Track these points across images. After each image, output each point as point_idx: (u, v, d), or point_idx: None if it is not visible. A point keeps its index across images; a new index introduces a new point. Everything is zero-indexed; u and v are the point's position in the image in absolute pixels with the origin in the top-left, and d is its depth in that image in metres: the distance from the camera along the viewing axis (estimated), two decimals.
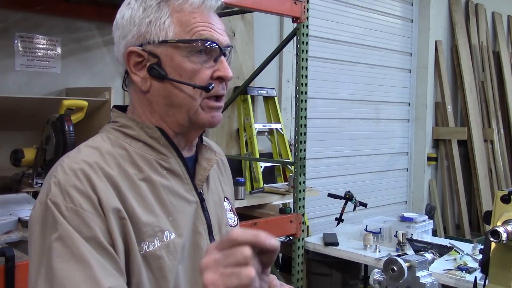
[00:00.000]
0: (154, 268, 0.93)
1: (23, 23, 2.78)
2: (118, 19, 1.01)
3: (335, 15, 4.64)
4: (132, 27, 0.98)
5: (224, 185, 1.19)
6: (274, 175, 3.90)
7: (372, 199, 4.83)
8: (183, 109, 0.99)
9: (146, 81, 0.99)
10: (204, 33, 0.97)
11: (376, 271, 1.31)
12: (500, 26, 6.42)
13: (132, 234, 0.90)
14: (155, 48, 0.97)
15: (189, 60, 0.97)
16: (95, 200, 0.88)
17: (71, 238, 0.85)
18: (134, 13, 0.99)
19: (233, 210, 1.18)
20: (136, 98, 1.03)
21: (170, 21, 0.97)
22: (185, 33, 0.97)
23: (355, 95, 4.93)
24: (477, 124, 5.76)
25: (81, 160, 0.92)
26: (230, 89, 3.73)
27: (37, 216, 0.89)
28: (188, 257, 0.99)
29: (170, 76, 0.97)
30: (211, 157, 1.08)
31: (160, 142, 1.00)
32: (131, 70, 0.99)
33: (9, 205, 2.09)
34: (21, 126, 2.60)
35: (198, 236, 1.01)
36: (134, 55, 0.98)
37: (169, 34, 0.97)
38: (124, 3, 1.02)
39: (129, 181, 0.94)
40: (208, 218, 1.05)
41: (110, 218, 0.88)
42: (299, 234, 3.02)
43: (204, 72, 0.98)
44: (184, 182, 1.02)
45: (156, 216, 0.95)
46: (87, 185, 0.88)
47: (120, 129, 1.01)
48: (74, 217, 0.86)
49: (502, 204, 1.56)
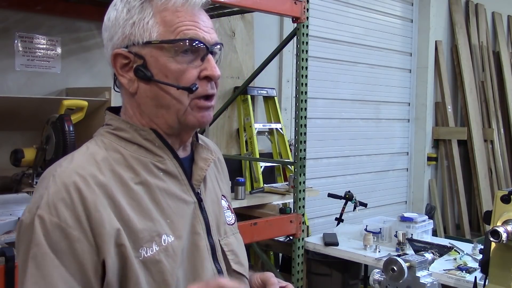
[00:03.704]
0: (154, 273, 0.92)
1: (23, 23, 2.78)
2: (105, 21, 1.01)
3: (335, 15, 4.64)
4: (117, 29, 0.97)
5: (221, 183, 1.18)
6: (274, 175, 3.90)
7: (372, 199, 4.83)
8: (171, 110, 0.98)
9: (133, 83, 0.98)
10: (188, 32, 0.96)
11: (376, 271, 1.31)
12: (500, 26, 6.42)
13: (127, 244, 0.90)
14: (140, 50, 0.96)
15: (174, 60, 0.96)
16: (83, 217, 0.87)
17: (45, 261, 0.85)
18: (119, 15, 0.98)
19: (231, 208, 1.17)
20: (127, 99, 1.02)
21: (153, 21, 0.96)
22: (169, 33, 0.95)
23: (355, 95, 4.92)
24: (477, 124, 5.76)
25: (73, 171, 0.91)
26: (230, 89, 3.73)
27: (24, 226, 0.90)
28: (187, 259, 0.99)
29: (156, 78, 0.96)
30: (208, 157, 1.07)
31: (155, 144, 0.99)
32: (118, 72, 0.99)
33: (9, 205, 2.09)
34: (21, 126, 2.60)
35: (197, 236, 1.01)
36: (120, 57, 0.97)
37: (153, 34, 0.95)
38: (111, 5, 1.01)
39: (124, 187, 0.93)
40: (206, 218, 1.04)
41: (100, 234, 0.87)
42: (299, 234, 3.02)
43: (190, 72, 0.97)
44: (181, 183, 1.01)
45: (153, 220, 0.94)
46: (77, 200, 0.88)
47: (114, 132, 1.00)
48: (56, 232, 0.86)
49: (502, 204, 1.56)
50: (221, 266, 1.04)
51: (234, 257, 1.08)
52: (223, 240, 1.07)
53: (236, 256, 1.08)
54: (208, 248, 1.02)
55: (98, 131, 1.03)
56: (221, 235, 1.08)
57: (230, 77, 3.76)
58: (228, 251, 1.07)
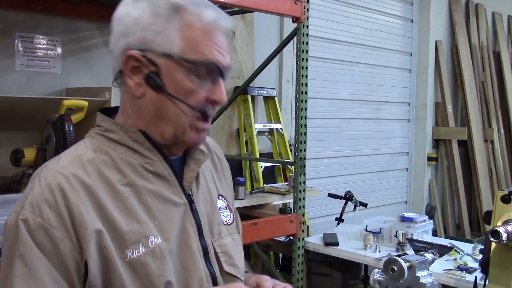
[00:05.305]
0: (140, 274, 0.92)
1: (23, 23, 2.78)
2: (121, 14, 0.96)
3: (335, 15, 4.64)
4: (136, 29, 0.94)
5: (219, 182, 1.16)
6: (274, 175, 3.90)
7: (372, 199, 4.83)
8: (172, 124, 0.97)
9: (140, 87, 0.96)
10: (209, 56, 0.95)
11: (376, 271, 1.31)
12: (500, 26, 6.41)
13: (110, 245, 0.89)
14: (156, 58, 0.94)
15: (188, 78, 0.95)
16: (66, 217, 0.87)
17: (32, 259, 0.85)
18: (142, 16, 0.94)
19: (230, 207, 1.15)
20: (127, 99, 1.00)
21: (178, 35, 0.93)
22: (191, 51, 0.94)
23: (355, 95, 4.92)
24: (477, 124, 5.76)
25: (58, 172, 0.91)
26: (230, 89, 3.73)
27: (9, 226, 0.90)
28: (178, 260, 0.98)
29: (167, 90, 0.95)
30: (200, 158, 1.06)
31: (144, 146, 0.98)
32: (126, 73, 0.96)
33: (9, 205, 2.08)
34: (21, 126, 2.60)
35: (188, 238, 1.00)
36: (133, 59, 0.95)
37: (174, 48, 0.93)
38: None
39: (110, 188, 0.93)
40: (198, 219, 1.03)
41: (82, 235, 0.87)
42: (299, 234, 3.02)
43: (200, 93, 0.96)
44: (171, 184, 1.00)
45: (139, 222, 0.94)
46: (60, 201, 0.88)
47: (103, 133, 1.00)
48: (40, 232, 0.86)
49: (502, 204, 1.56)
50: (214, 267, 1.03)
51: (227, 258, 1.07)
52: (217, 241, 1.06)
53: (230, 258, 1.07)
54: (200, 250, 1.01)
55: (89, 133, 1.03)
56: (214, 236, 1.06)
57: (230, 77, 3.76)
58: (221, 252, 1.06)
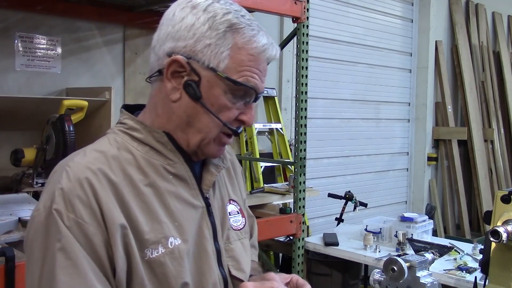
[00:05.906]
0: (158, 274, 0.93)
1: (23, 23, 2.78)
2: (176, 17, 0.98)
3: (335, 15, 4.64)
4: (188, 36, 0.96)
5: (231, 186, 1.18)
6: (274, 175, 3.89)
7: (372, 199, 4.83)
8: (200, 134, 0.99)
9: (176, 92, 0.98)
10: (251, 80, 0.97)
11: (376, 271, 1.31)
12: (500, 26, 6.41)
13: (133, 243, 0.91)
14: (201, 69, 0.96)
15: (225, 96, 0.97)
16: (98, 212, 0.88)
17: (74, 252, 0.86)
18: (198, 25, 0.96)
19: (242, 211, 1.16)
20: (160, 98, 1.01)
21: (228, 54, 0.96)
22: (235, 71, 0.96)
23: (355, 95, 4.92)
24: (477, 124, 5.76)
25: (86, 166, 0.91)
26: None
27: (40, 220, 0.89)
28: (194, 262, 0.99)
29: (203, 101, 0.97)
30: (219, 164, 1.09)
31: (167, 147, 1.00)
32: (167, 76, 0.97)
33: (9, 205, 2.08)
34: (21, 126, 2.60)
35: (204, 240, 1.02)
36: (177, 64, 0.96)
37: (221, 64, 0.95)
38: (189, 3, 0.98)
39: (134, 188, 0.94)
40: (214, 222, 1.05)
41: (111, 230, 0.88)
42: (299, 234, 3.02)
43: (232, 111, 0.99)
44: (190, 187, 1.02)
45: (160, 222, 0.95)
46: (91, 196, 0.89)
47: (127, 131, 1.01)
48: (75, 228, 0.87)
49: (502, 204, 1.56)
50: (225, 271, 1.05)
51: (235, 263, 1.08)
52: (226, 246, 1.08)
53: (237, 263, 1.09)
54: (214, 253, 1.03)
55: (112, 129, 1.03)
56: (224, 241, 1.08)
57: None
58: (229, 257, 1.07)
